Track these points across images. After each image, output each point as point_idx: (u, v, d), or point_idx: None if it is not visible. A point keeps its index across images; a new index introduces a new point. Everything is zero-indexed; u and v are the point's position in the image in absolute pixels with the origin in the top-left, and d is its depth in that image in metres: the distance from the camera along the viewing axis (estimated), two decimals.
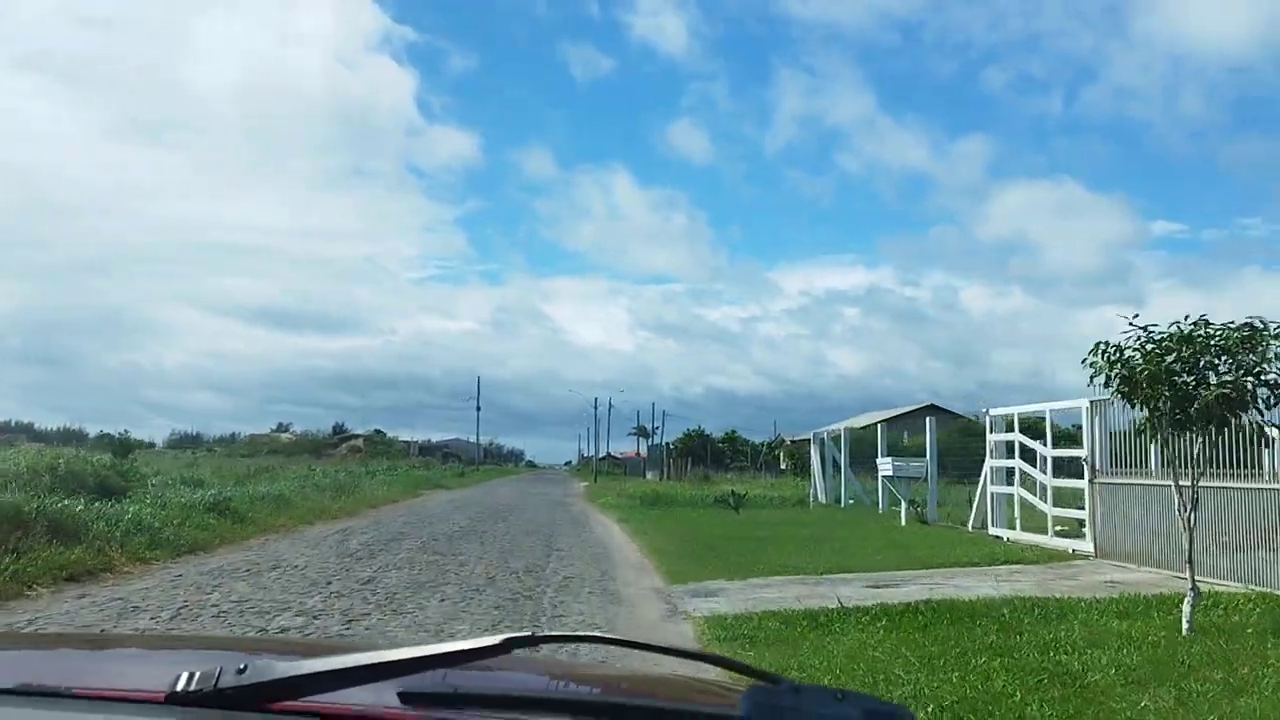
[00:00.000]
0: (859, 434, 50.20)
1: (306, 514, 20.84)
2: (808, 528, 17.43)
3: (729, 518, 21.15)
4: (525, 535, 17.21)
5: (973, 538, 14.61)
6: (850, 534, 15.92)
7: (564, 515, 23.97)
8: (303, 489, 25.29)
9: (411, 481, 42.96)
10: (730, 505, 22.99)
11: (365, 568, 11.82)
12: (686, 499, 27.06)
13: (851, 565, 11.73)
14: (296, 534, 16.89)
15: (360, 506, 25.34)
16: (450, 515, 22.75)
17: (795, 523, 18.70)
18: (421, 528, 18.59)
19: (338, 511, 22.83)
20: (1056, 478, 13.00)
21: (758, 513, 22.88)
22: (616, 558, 13.87)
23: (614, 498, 31.99)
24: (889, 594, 9.27)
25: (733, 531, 16.98)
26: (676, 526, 18.80)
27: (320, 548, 14.34)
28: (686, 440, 70.53)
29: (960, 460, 25.76)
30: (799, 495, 26.76)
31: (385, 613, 8.62)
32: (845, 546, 14.02)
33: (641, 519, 21.45)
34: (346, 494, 27.30)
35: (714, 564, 12.22)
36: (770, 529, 17.45)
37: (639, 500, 27.80)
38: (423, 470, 53.37)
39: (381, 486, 34.54)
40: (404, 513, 23.76)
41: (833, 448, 24.87)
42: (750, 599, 9.19)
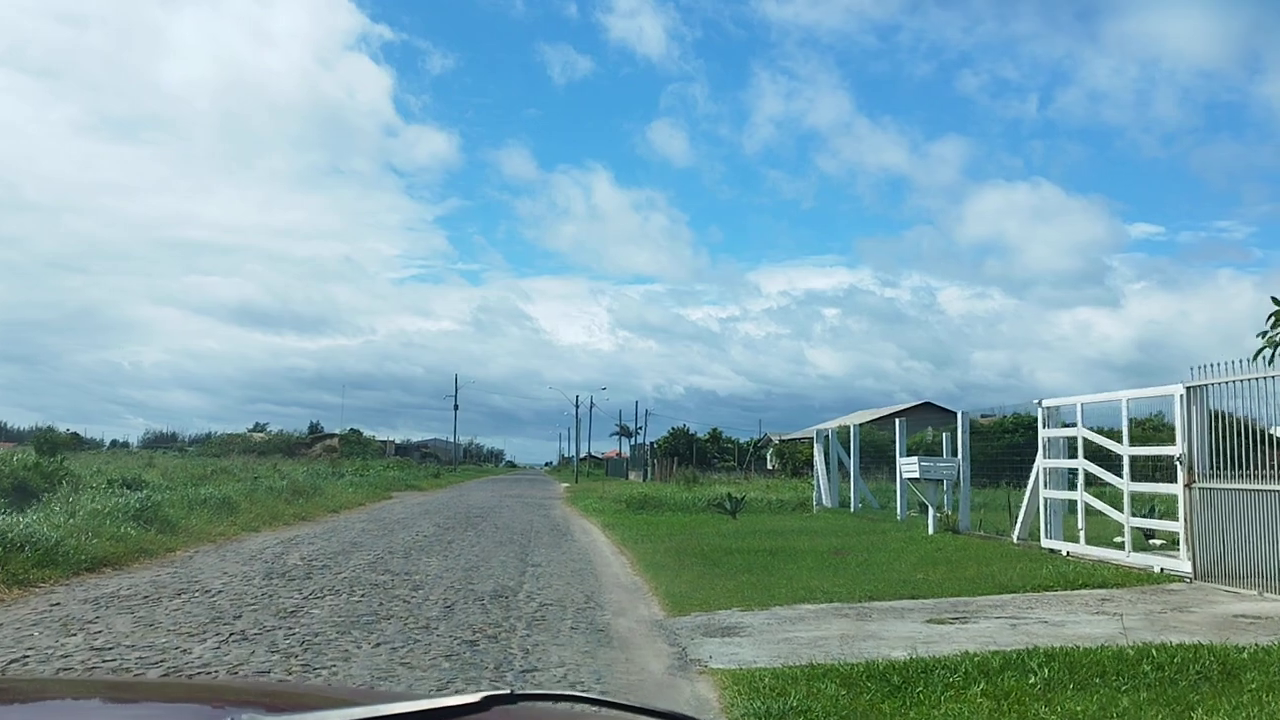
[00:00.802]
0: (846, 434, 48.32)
1: (253, 520, 18.54)
2: (821, 537, 15.30)
3: (726, 525, 19.00)
4: (498, 547, 14.98)
5: (1023, 552, 12.49)
6: (873, 545, 13.79)
7: (543, 521, 21.74)
8: (254, 492, 22.93)
9: (382, 483, 40.60)
10: (726, 510, 20.85)
11: (294, 593, 9.56)
12: (676, 502, 24.88)
13: (893, 588, 9.58)
14: (233, 545, 14.60)
15: (318, 511, 23.04)
16: (416, 521, 20.48)
17: (804, 531, 16.57)
18: (380, 537, 16.33)
19: (291, 517, 20.54)
20: (1136, 481, 10.89)
21: (757, 519, 20.72)
22: (603, 575, 11.68)
23: (597, 500, 29.77)
24: (963, 634, 7.13)
25: (735, 542, 14.83)
26: (669, 535, 16.62)
27: (252, 564, 12.07)
28: (671, 439, 68.32)
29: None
30: (799, 498, 24.64)
31: (293, 665, 6.39)
32: (874, 562, 11.88)
33: (629, 525, 19.27)
34: (305, 497, 24.93)
35: (722, 585, 10.06)
36: (777, 538, 15.31)
37: (624, 504, 25.59)
38: (396, 471, 50.92)
39: (347, 489, 32.17)
40: (365, 519, 21.47)
41: (838, 447, 22.77)
42: (782, 640, 7.02)
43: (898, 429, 18.23)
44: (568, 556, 13.83)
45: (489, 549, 14.52)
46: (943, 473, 15.02)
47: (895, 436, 18.27)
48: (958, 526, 14.96)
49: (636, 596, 9.97)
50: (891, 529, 16.29)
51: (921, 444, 43.90)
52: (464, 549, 14.38)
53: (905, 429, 18.27)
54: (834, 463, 22.76)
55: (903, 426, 18.21)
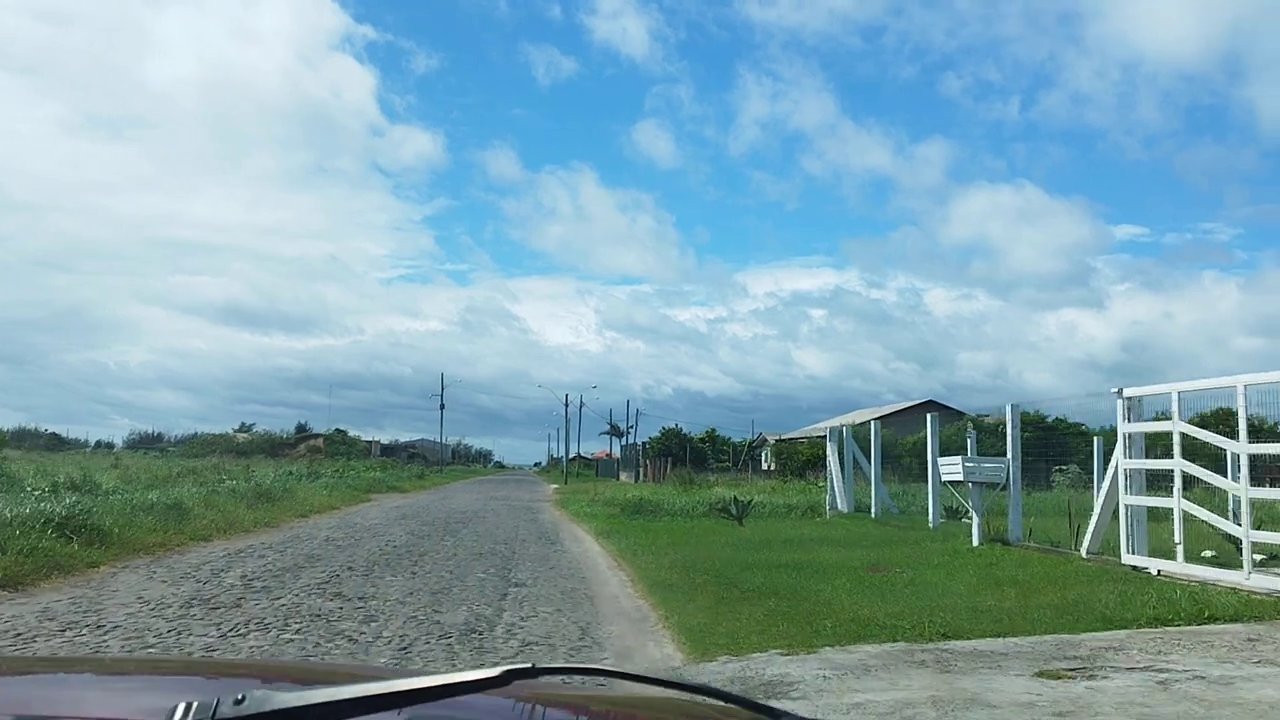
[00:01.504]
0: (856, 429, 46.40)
1: (206, 528, 16.51)
2: (847, 548, 13.40)
3: (734, 533, 17.08)
4: (476, 559, 13.02)
5: (1100, 570, 10.54)
6: (913, 559, 11.89)
7: (530, 527, 19.78)
8: (214, 496, 20.89)
9: (362, 484, 38.58)
10: (732, 516, 18.93)
11: (211, 628, 7.58)
12: (674, 506, 22.93)
13: (965, 620, 7.67)
14: (171, 559, 12.60)
15: (285, 517, 21.02)
16: (389, 528, 18.49)
17: (825, 540, 14.64)
18: (344, 548, 14.35)
19: (252, 524, 18.51)
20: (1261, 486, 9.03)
21: (767, 525, 18.81)
22: (600, 599, 9.73)
23: (588, 503, 27.80)
24: (1101, 698, 5.21)
25: (749, 554, 12.91)
26: (671, 545, 14.69)
27: (180, 585, 10.08)
28: (664, 439, 66.34)
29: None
30: (808, 502, 22.71)
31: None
32: (923, 582, 9.96)
33: (625, 533, 17.33)
34: (271, 501, 22.91)
35: (748, 613, 8.13)
36: (797, 549, 13.39)
37: (619, 507, 23.64)
38: (378, 472, 48.84)
39: (321, 491, 30.13)
40: (334, 525, 19.47)
41: (854, 446, 20.86)
42: (853, 709, 5.09)
43: (929, 426, 16.28)
44: (557, 573, 11.87)
45: (466, 563, 12.55)
46: (990, 474, 13.10)
47: (927, 435, 16.29)
48: (1007, 537, 13.04)
49: (643, 630, 8.02)
50: (925, 539, 14.37)
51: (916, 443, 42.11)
52: (437, 563, 12.41)
53: (937, 425, 16.34)
54: (849, 463, 20.83)
55: (934, 423, 16.29)
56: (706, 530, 17.93)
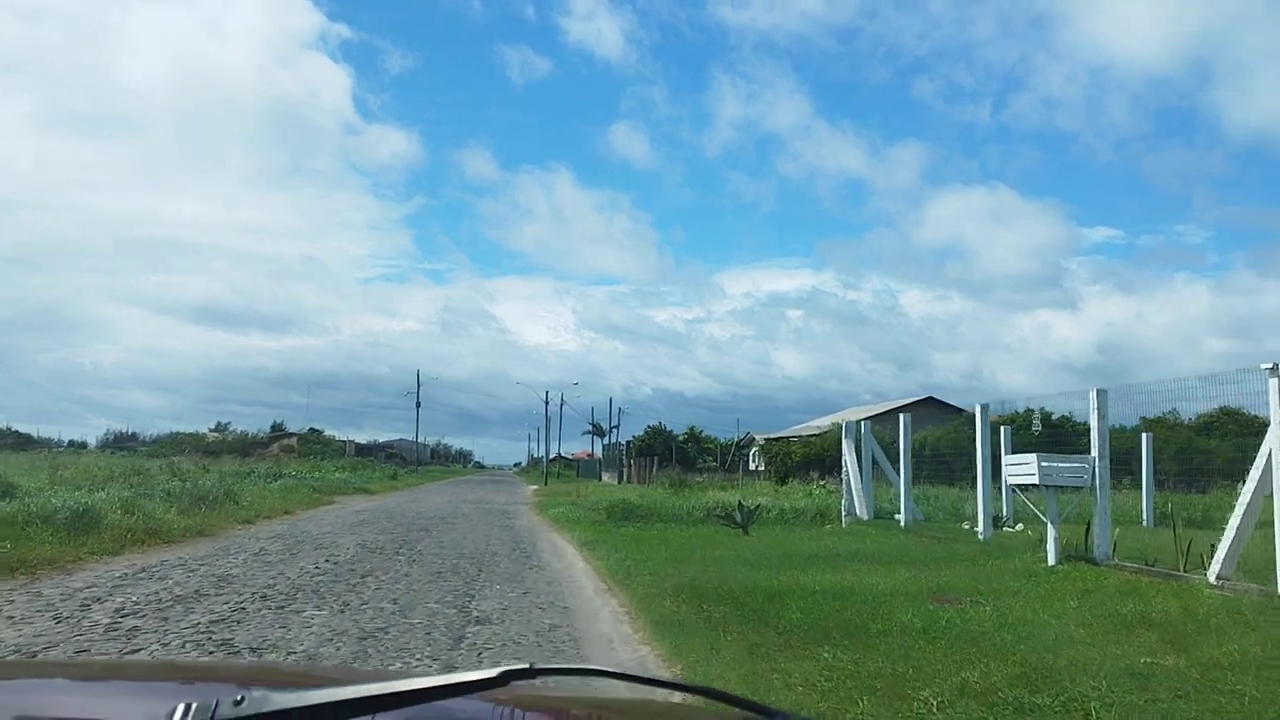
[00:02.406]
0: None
1: (117, 540, 13.95)
2: (890, 567, 10.96)
3: (742, 544, 14.65)
4: (433, 582, 10.51)
5: (1258, 603, 8.13)
6: (982, 585, 9.44)
7: (503, 537, 17.26)
8: (142, 500, 18.25)
9: (327, 486, 35.94)
10: (736, 523, 16.48)
11: None
12: (666, 510, 20.45)
13: (1138, 699, 5.23)
14: (48, 581, 10.03)
15: (224, 523, 18.44)
16: (339, 538, 15.94)
17: (856, 556, 12.18)
18: (272, 565, 11.81)
19: (181, 533, 15.92)
20: None
21: (777, 534, 16.37)
22: (590, 646, 7.25)
23: (570, 507, 25.29)
24: None
25: (771, 575, 10.47)
26: (671, 560, 12.24)
27: (24, 624, 7.52)
28: (648, 438, 63.79)
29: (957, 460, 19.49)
30: (816, 506, 20.28)
31: None
32: (1019, 622, 7.49)
33: (614, 544, 14.86)
34: (213, 506, 20.29)
35: (801, 672, 5.69)
36: (829, 568, 10.96)
37: (604, 512, 21.13)
38: (346, 473, 46.12)
39: (275, 494, 27.50)
40: (277, 533, 16.91)
41: (873, 443, 18.44)
42: None
43: (979, 419, 13.78)
44: (533, 601, 9.38)
45: (419, 588, 10.03)
46: (1071, 477, 10.70)
47: (976, 432, 13.77)
48: (1093, 554, 10.62)
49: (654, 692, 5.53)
50: (979, 554, 11.95)
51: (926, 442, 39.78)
52: (382, 588, 9.89)
53: (986, 415, 13.85)
54: (868, 463, 18.41)
55: (984, 413, 13.83)
56: (708, 540, 15.47)
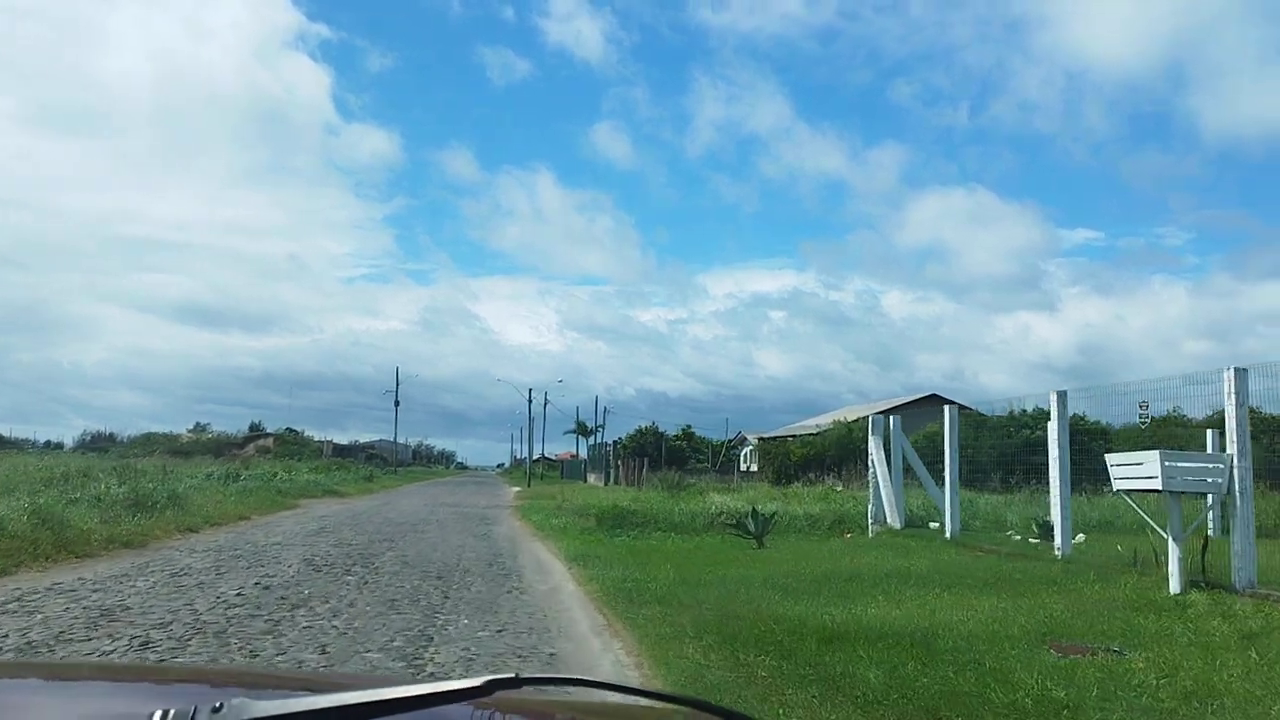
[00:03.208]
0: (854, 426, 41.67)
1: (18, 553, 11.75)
2: (962, 595, 8.74)
3: (760, 560, 12.44)
4: (382, 615, 8.23)
5: None
6: (1098, 622, 7.23)
7: (479, 548, 14.97)
8: (60, 507, 15.85)
9: (294, 488, 33.50)
10: (750, 533, 14.24)
11: None
12: (664, 517, 18.17)
13: None
14: None
15: (162, 532, 16.12)
16: (286, 552, 13.62)
17: (910, 577, 9.92)
18: (190, 589, 9.50)
19: (102, 544, 13.67)
20: None
21: (796, 546, 14.15)
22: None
23: (555, 512, 23.01)
24: None
25: (815, 606, 8.24)
26: (682, 582, 10.00)
27: None
28: (638, 438, 61.43)
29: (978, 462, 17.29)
30: (832, 512, 18.04)
31: None
32: (1199, 691, 5.29)
33: (608, 559, 12.63)
34: (154, 511, 17.94)
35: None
36: (884, 594, 8.74)
37: (594, 518, 18.87)
38: (318, 474, 43.60)
39: (232, 498, 25.11)
40: (218, 545, 14.59)
41: (905, 441, 16.22)
42: None
43: (1055, 411, 11.42)
44: (509, 645, 7.09)
45: (362, 625, 7.75)
46: (1199, 481, 8.50)
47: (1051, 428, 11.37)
48: (1233, 581, 8.36)
49: None
50: (1063, 576, 9.67)
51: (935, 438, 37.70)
52: (311, 627, 7.59)
53: (1065, 407, 11.52)
54: (898, 464, 16.19)
55: (1063, 403, 11.52)
56: (718, 554, 13.24)
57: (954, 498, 13.86)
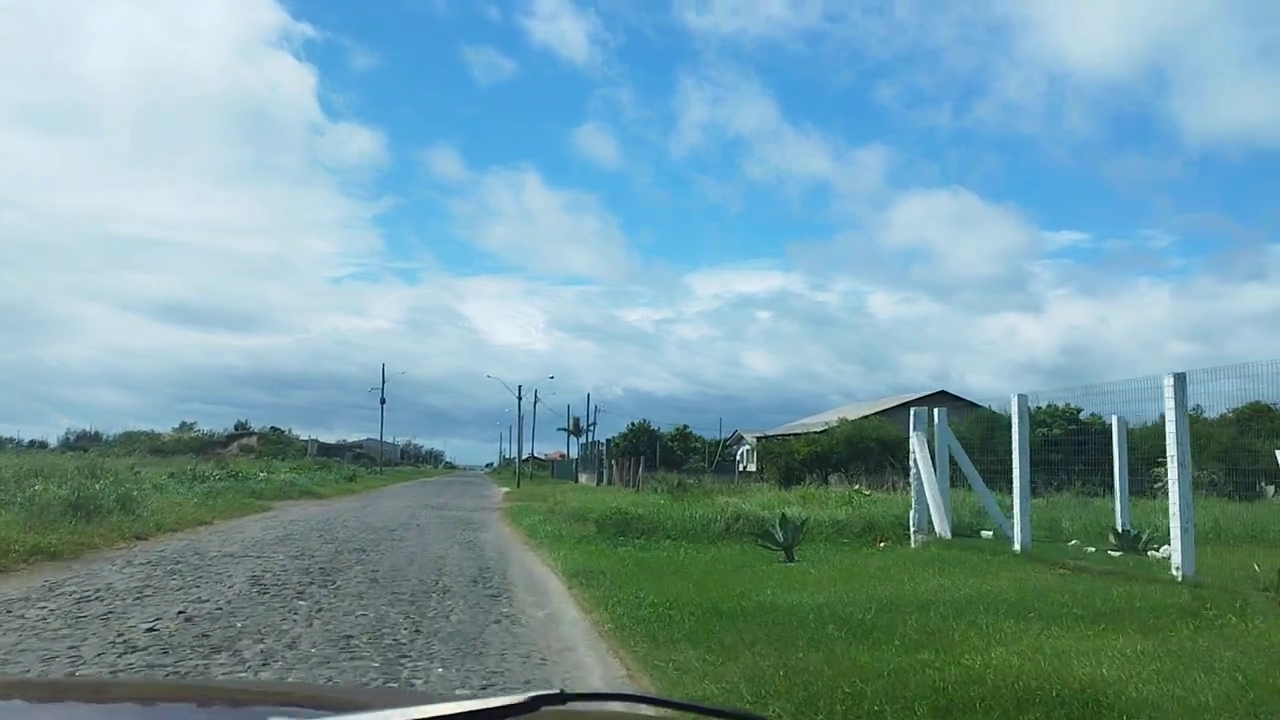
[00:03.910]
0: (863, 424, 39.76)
1: None
2: (1101, 634, 6.78)
3: (797, 578, 10.49)
4: (327, 664, 6.23)
5: None
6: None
7: (463, 560, 12.97)
8: None
9: (269, 489, 31.47)
10: (778, 544, 12.28)
11: None
12: (672, 523, 16.16)
13: None
14: None
15: (105, 540, 14.19)
16: (233, 565, 11.62)
17: (1005, 607, 7.89)
18: (88, 622, 7.48)
19: (27, 555, 11.95)
20: None
21: (831, 559, 12.20)
22: None
23: (548, 515, 21.04)
24: None
25: (913, 658, 6.27)
26: (714, 611, 8.03)
27: None
28: (631, 436, 59.39)
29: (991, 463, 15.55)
30: (861, 518, 16.05)
31: None
32: None
33: (616, 575, 10.68)
34: (99, 516, 15.93)
35: None
36: (993, 636, 6.76)
37: (593, 524, 16.89)
38: (296, 474, 41.45)
39: (198, 500, 23.10)
40: (161, 556, 12.61)
41: (952, 438, 14.24)
42: None
43: (1172, 403, 9.34)
44: None
45: (301, 679, 5.75)
46: None
47: (1169, 422, 9.28)
48: None
49: None
50: (1194, 603, 7.65)
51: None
52: (230, 681, 5.59)
53: (1183, 395, 9.46)
54: (944, 464, 14.20)
55: (1181, 389, 9.47)
56: (743, 569, 11.29)
57: (1024, 503, 11.82)
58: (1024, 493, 11.78)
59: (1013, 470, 11.99)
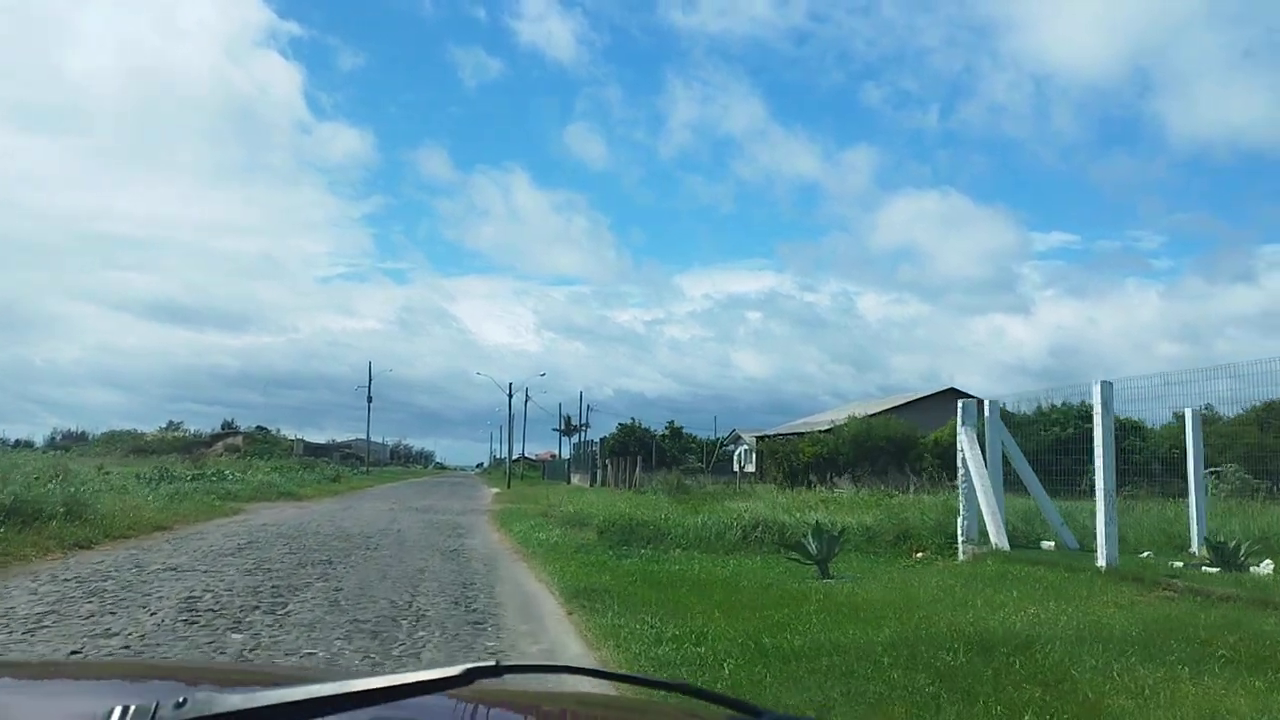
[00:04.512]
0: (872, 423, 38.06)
1: None
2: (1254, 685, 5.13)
3: (844, 599, 8.79)
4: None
5: None
6: None
7: (445, 574, 11.22)
8: None
9: (245, 491, 29.65)
10: (810, 557, 10.56)
11: None
12: (680, 529, 14.42)
13: None
14: None
15: (37, 550, 12.61)
16: (168, 585, 9.86)
17: (1129, 649, 6.13)
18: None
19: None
20: None
21: (874, 574, 10.51)
22: None
23: (540, 519, 19.33)
24: None
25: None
26: (757, 652, 6.34)
27: None
28: (622, 436, 57.62)
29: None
30: (894, 525, 14.34)
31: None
32: None
33: (626, 597, 8.97)
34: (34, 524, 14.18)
35: None
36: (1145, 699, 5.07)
37: (594, 530, 15.16)
38: (276, 475, 39.60)
39: (162, 502, 21.33)
40: (95, 569, 10.91)
41: (1005, 433, 12.52)
42: None
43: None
44: None
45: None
46: None
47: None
48: None
49: None
50: None
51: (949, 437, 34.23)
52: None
53: None
54: (997, 464, 12.47)
55: None
56: (774, 588, 9.57)
57: (1110, 510, 9.99)
58: (1109, 498, 10.01)
59: (1095, 471, 10.25)
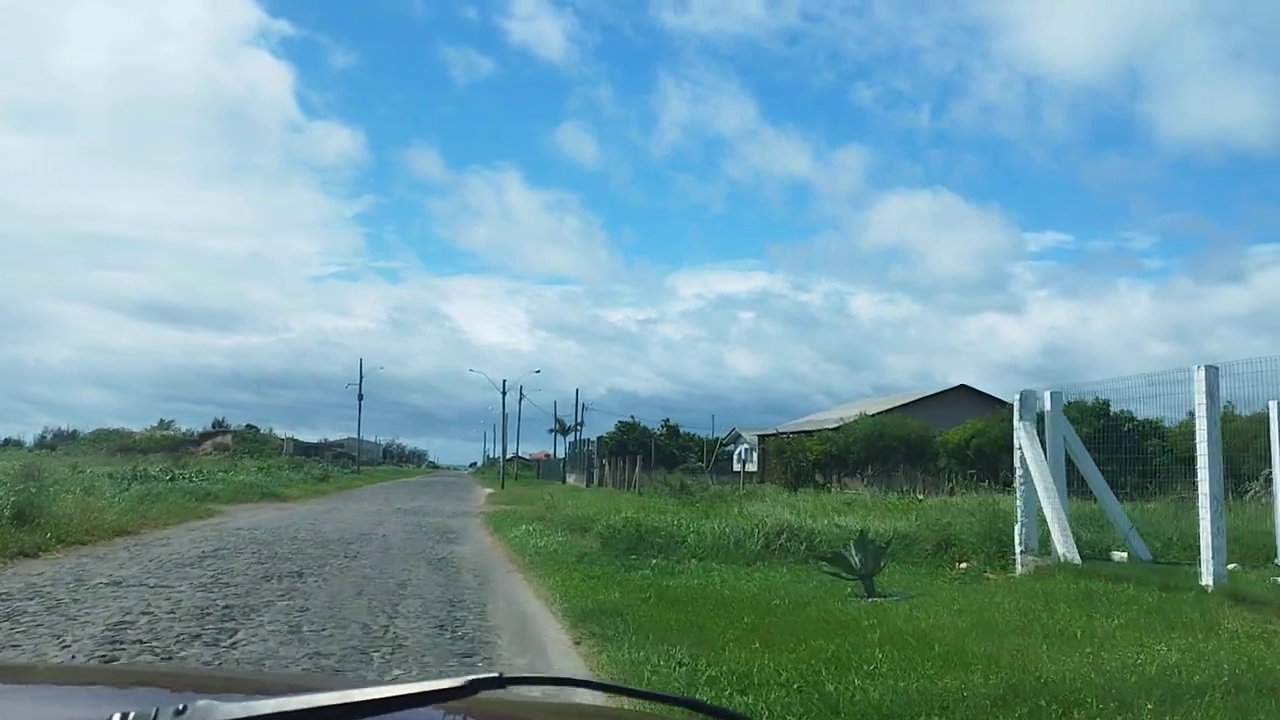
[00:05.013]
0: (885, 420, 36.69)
1: None
2: None
3: (903, 627, 7.39)
4: None
5: None
6: None
7: (430, 589, 9.78)
8: None
9: (225, 491, 28.17)
10: (852, 571, 9.15)
11: None
12: (693, 535, 13.01)
13: None
14: None
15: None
16: (95, 610, 8.45)
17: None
18: None
19: None
20: None
21: (915, 588, 9.13)
22: None
23: (537, 523, 17.89)
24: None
25: None
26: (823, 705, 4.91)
27: None
28: (619, 435, 56.13)
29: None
30: (936, 531, 12.87)
31: None
32: None
33: (639, 621, 7.56)
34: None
35: None
36: None
37: (597, 538, 13.72)
38: (260, 474, 38.11)
39: (130, 504, 19.84)
40: (29, 584, 9.44)
41: (1069, 429, 11.10)
42: None
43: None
44: None
45: None
46: None
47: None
48: None
49: None
50: None
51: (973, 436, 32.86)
52: None
53: None
54: (1059, 464, 11.03)
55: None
56: (814, 609, 8.18)
57: (1218, 518, 8.56)
58: (1217, 503, 8.54)
59: (1198, 471, 8.84)
